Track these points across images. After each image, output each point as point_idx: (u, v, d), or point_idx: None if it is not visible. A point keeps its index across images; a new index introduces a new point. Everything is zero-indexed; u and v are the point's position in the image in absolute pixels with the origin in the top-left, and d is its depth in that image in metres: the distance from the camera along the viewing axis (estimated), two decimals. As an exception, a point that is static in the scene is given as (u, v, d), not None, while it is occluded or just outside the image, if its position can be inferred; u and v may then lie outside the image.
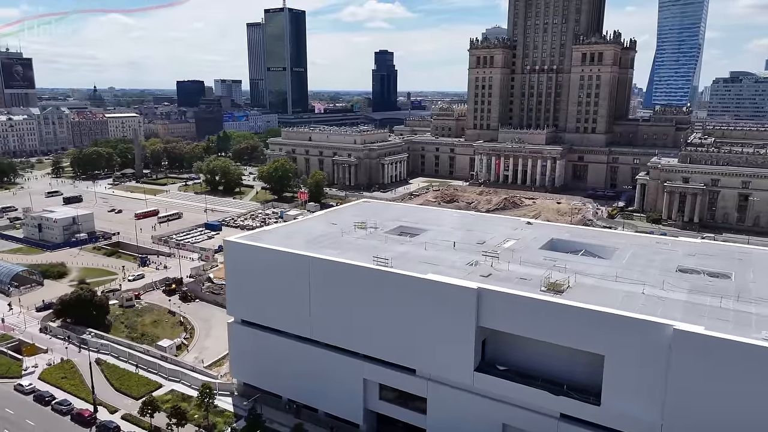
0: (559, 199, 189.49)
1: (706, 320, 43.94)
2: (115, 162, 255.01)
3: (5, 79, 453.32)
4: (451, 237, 67.85)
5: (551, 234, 70.47)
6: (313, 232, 69.32)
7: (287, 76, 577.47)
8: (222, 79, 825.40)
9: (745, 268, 57.09)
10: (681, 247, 64.98)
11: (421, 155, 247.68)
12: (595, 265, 58.20)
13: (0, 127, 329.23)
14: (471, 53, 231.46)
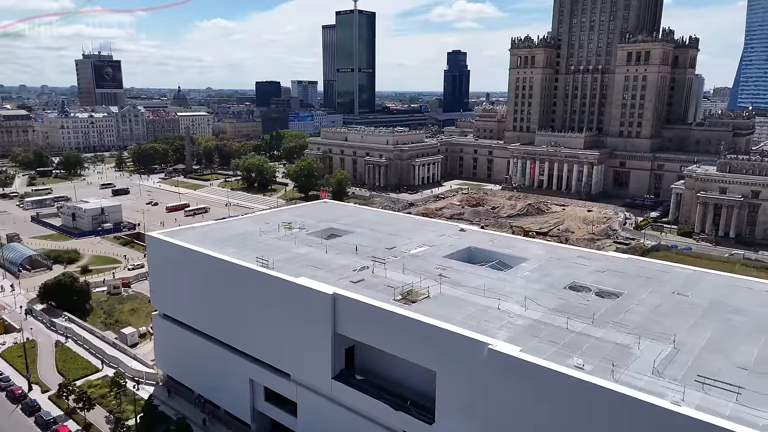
0: (591, 207, 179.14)
1: (536, 341, 40.27)
2: (170, 158, 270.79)
3: (96, 79, 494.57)
4: (368, 240, 66.51)
5: (474, 242, 67.07)
6: (234, 231, 70.44)
7: (355, 77, 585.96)
8: (299, 80, 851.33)
9: (647, 288, 51.61)
10: (598, 263, 59.69)
11: (459, 157, 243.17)
12: (484, 276, 54.83)
13: (82, 123, 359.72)
14: (512, 53, 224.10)
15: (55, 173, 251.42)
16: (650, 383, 34.83)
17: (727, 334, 42.42)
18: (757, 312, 46.75)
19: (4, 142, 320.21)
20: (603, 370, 36.18)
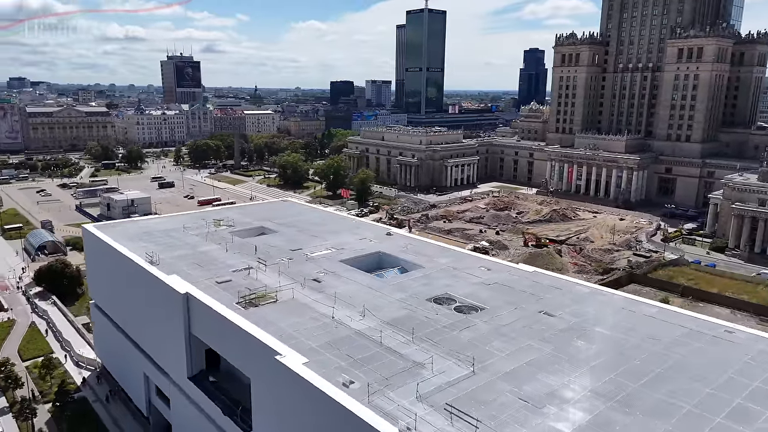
0: (625, 215, 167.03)
1: (335, 353, 37.88)
2: (222, 154, 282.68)
3: (177, 79, 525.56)
4: (284, 241, 65.83)
5: (387, 248, 64.31)
6: (165, 226, 72.10)
7: (423, 77, 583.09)
8: (373, 80, 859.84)
9: (519, 305, 47.18)
10: (495, 274, 55.26)
11: (500, 159, 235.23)
12: (358, 282, 52.37)
13: (155, 120, 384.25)
14: (556, 50, 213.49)
15: (118, 166, 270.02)
16: (401, 408, 31.69)
17: (551, 360, 37.80)
18: (613, 338, 41.43)
19: (86, 136, 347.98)
20: (371, 389, 33.37)
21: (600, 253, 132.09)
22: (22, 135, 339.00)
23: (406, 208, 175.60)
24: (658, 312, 47.26)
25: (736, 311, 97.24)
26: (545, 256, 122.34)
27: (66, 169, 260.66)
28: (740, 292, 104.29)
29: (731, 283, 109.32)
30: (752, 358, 39.03)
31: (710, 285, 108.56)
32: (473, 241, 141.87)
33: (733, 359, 38.95)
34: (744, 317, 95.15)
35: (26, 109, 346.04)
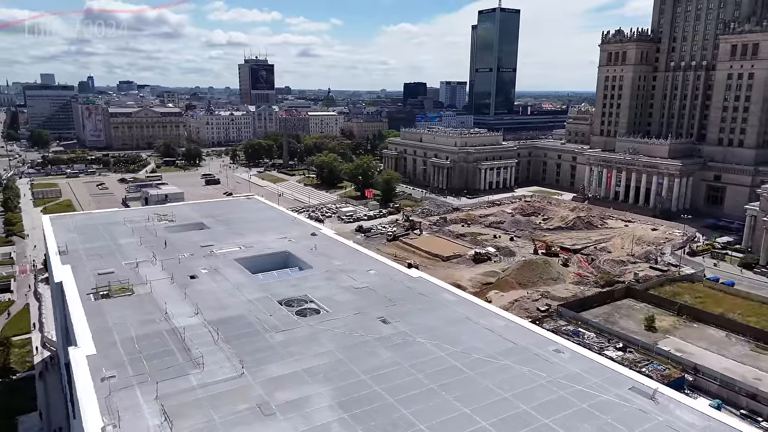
0: (659, 225, 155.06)
1: (132, 346, 38.61)
2: (274, 153, 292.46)
3: (252, 81, 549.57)
4: (205, 236, 67.59)
5: (297, 249, 64.04)
6: (107, 220, 76.17)
7: (493, 77, 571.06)
8: (447, 81, 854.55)
9: (369, 308, 45.63)
10: (372, 279, 53.54)
11: (542, 162, 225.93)
12: (230, 281, 52.71)
13: (224, 121, 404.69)
14: (602, 48, 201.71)
15: (178, 163, 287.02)
16: (133, 406, 31.83)
17: (323, 369, 36.18)
18: (417, 350, 39.00)
19: (160, 135, 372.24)
20: (124, 383, 33.78)
21: (611, 264, 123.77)
22: (105, 133, 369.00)
23: (426, 211, 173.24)
24: (504, 327, 43.79)
25: (732, 334, 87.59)
26: (540, 265, 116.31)
27: (132, 165, 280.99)
28: (749, 314, 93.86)
29: (742, 304, 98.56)
30: (551, 381, 35.33)
31: (718, 304, 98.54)
32: (481, 245, 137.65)
33: (528, 379, 35.48)
34: (738, 341, 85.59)
35: (108, 110, 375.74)
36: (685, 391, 71.25)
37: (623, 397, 33.61)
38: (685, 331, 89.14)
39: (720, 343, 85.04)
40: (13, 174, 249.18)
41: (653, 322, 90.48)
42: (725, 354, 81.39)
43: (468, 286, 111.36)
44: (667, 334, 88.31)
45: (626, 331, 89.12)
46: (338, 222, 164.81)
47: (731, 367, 77.60)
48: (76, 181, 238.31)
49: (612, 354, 79.08)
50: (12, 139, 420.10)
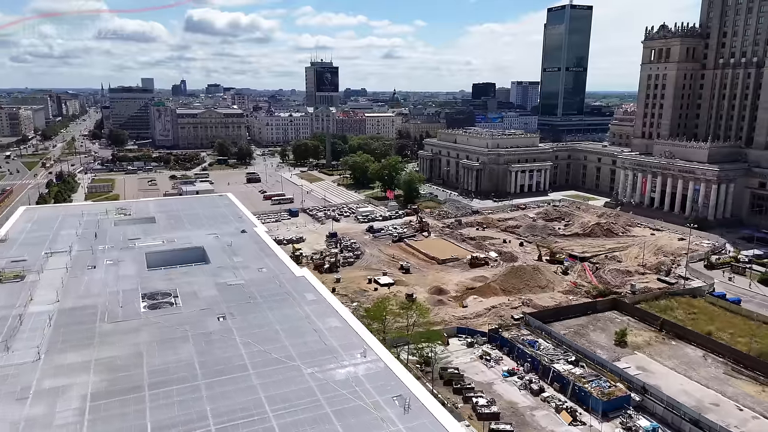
0: (687, 235, 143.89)
1: None
2: (320, 153, 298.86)
3: (318, 84, 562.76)
4: (141, 230, 70.93)
5: (213, 244, 65.68)
6: (69, 212, 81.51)
7: (561, 77, 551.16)
8: (518, 81, 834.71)
9: (219, 305, 46.48)
10: (255, 275, 54.10)
11: (582, 165, 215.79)
12: (112, 271, 55.30)
13: (283, 122, 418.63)
14: (644, 45, 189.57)
15: (230, 162, 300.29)
16: None
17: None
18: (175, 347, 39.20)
19: (223, 135, 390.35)
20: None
21: (614, 274, 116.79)
22: (173, 133, 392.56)
23: (443, 213, 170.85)
24: (333, 328, 42.77)
25: (711, 354, 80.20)
26: (529, 272, 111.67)
27: (188, 163, 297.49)
28: (742, 334, 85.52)
29: (740, 323, 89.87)
30: (322, 385, 34.33)
31: (710, 322, 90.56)
32: (484, 250, 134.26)
33: (302, 380, 34.72)
34: (715, 362, 78.29)
35: (176, 111, 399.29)
36: (627, 411, 66.62)
37: (378, 404, 32.34)
38: (659, 348, 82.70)
39: (693, 363, 78.21)
40: (80, 170, 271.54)
41: (624, 336, 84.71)
42: (692, 375, 74.81)
43: (452, 290, 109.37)
44: (637, 350, 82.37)
45: (593, 345, 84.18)
46: (353, 222, 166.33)
47: (692, 389, 71.35)
48: (133, 177, 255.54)
49: (561, 367, 75.04)
50: (96, 137, 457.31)
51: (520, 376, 76.29)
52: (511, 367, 78.66)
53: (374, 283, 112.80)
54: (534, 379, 74.93)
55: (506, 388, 73.96)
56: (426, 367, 78.34)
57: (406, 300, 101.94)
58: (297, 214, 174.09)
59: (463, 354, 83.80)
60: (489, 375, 77.45)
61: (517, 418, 67.03)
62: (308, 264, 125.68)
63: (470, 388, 72.64)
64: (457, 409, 68.42)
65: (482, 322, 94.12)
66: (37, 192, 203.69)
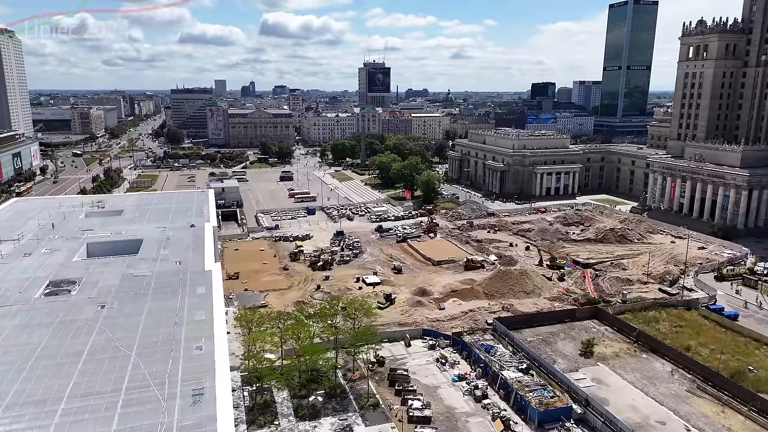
0: (708, 244, 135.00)
1: None
2: (357, 153, 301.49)
3: (369, 84, 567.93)
4: (97, 223, 74.70)
5: (157, 237, 68.22)
6: (53, 203, 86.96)
7: (622, 76, 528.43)
8: (581, 81, 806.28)
9: (109, 295, 48.61)
10: (166, 267, 55.89)
11: (616, 168, 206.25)
12: (31, 258, 58.72)
13: (329, 122, 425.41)
14: (682, 42, 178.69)
15: (270, 161, 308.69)
16: None
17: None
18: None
19: (271, 134, 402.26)
20: None
21: (613, 282, 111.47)
22: (225, 132, 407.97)
23: (456, 214, 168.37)
24: (192, 321, 43.66)
25: (679, 370, 75.08)
26: (515, 276, 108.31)
27: (231, 161, 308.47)
28: (726, 351, 79.35)
29: (727, 339, 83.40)
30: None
31: (695, 336, 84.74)
32: (485, 253, 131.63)
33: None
34: (682, 378, 73.28)
35: (228, 111, 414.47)
36: (565, 424, 63.77)
37: (174, 395, 32.92)
38: (625, 361, 78.28)
39: (656, 378, 73.55)
40: (131, 166, 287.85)
41: (591, 346, 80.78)
42: (650, 390, 70.40)
43: (436, 292, 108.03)
44: (602, 361, 78.37)
45: (556, 354, 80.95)
46: (366, 221, 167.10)
47: (642, 405, 67.29)
48: (175, 173, 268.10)
49: (509, 374, 72.68)
50: (158, 136, 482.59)
51: (469, 381, 74.48)
52: (464, 372, 76.92)
53: (361, 282, 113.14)
54: (482, 385, 72.95)
55: (451, 392, 72.44)
56: (379, 368, 78.16)
57: (383, 300, 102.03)
58: (314, 212, 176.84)
59: (422, 356, 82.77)
60: (439, 378, 76.10)
61: (450, 424, 65.64)
62: (304, 261, 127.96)
63: (412, 390, 71.69)
64: (392, 410, 67.82)
65: (454, 325, 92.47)
66: (82, 186, 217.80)
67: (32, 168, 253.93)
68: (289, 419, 65.32)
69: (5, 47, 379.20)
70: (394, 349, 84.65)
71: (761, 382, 70.60)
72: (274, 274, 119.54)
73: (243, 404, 67.79)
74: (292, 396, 69.80)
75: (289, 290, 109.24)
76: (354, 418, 65.51)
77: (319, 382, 72.46)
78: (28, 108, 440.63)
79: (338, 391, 71.12)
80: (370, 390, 71.26)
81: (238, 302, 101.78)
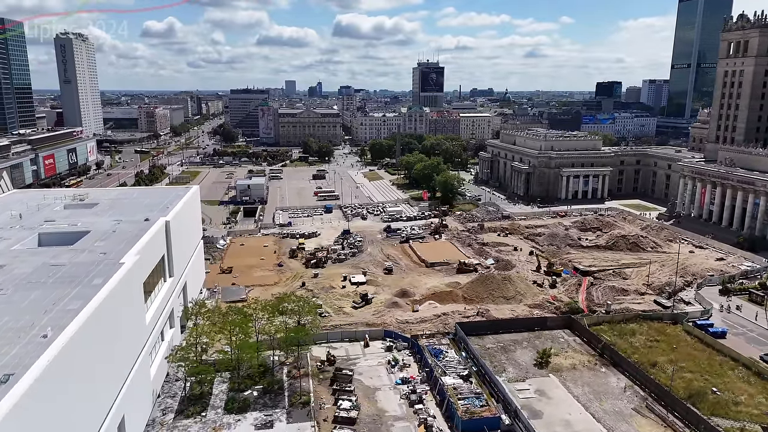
0: (728, 255, 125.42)
1: None
2: (394, 152, 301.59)
3: (422, 84, 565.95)
4: (63, 216, 79.22)
5: (104, 229, 71.55)
6: (39, 195, 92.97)
7: (691, 74, 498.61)
8: (651, 79, 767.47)
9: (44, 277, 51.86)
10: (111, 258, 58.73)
11: (652, 173, 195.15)
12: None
13: (376, 121, 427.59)
14: (722, 37, 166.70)
15: (310, 159, 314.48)
16: None
17: None
18: None
19: (319, 133, 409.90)
20: None
21: (606, 291, 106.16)
22: (275, 131, 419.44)
23: (469, 216, 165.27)
24: (72, 310, 45.67)
25: (636, 386, 70.57)
26: (497, 281, 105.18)
27: (275, 159, 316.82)
28: (695, 370, 73.88)
29: (702, 358, 77.37)
30: None
31: (669, 352, 78.98)
32: (484, 256, 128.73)
33: None
34: (635, 395, 68.87)
35: (278, 111, 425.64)
36: None
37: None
38: (580, 374, 74.46)
39: (606, 393, 69.54)
40: (178, 162, 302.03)
41: (548, 357, 77.38)
42: (591, 406, 66.73)
43: (418, 294, 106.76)
44: (555, 372, 74.95)
45: (510, 362, 78.20)
46: (378, 220, 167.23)
47: (577, 420, 64.17)
48: (216, 170, 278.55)
49: (449, 380, 71.02)
50: (216, 134, 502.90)
51: (411, 385, 73.30)
52: (410, 376, 75.74)
53: (347, 281, 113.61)
54: (421, 389, 71.64)
55: (389, 395, 71.60)
56: (329, 366, 78.46)
57: (359, 299, 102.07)
58: (331, 211, 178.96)
59: (377, 357, 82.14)
60: (384, 381, 75.35)
61: (374, 426, 64.97)
62: (301, 258, 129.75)
63: (348, 390, 71.45)
64: (321, 410, 67.92)
65: (423, 328, 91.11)
66: (122, 181, 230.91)
67: (87, 163, 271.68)
68: (217, 411, 66.78)
69: (78, 50, 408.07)
70: (352, 349, 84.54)
71: (719, 405, 65.17)
72: (267, 270, 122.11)
73: (180, 394, 69.96)
74: (230, 389, 71.32)
75: (274, 286, 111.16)
76: (279, 415, 66.13)
77: (263, 377, 73.62)
78: (99, 108, 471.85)
79: (276, 387, 71.99)
80: (305, 388, 71.65)
81: (220, 296, 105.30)
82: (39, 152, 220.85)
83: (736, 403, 66.13)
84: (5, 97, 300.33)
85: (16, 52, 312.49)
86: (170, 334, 74.96)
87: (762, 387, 69.01)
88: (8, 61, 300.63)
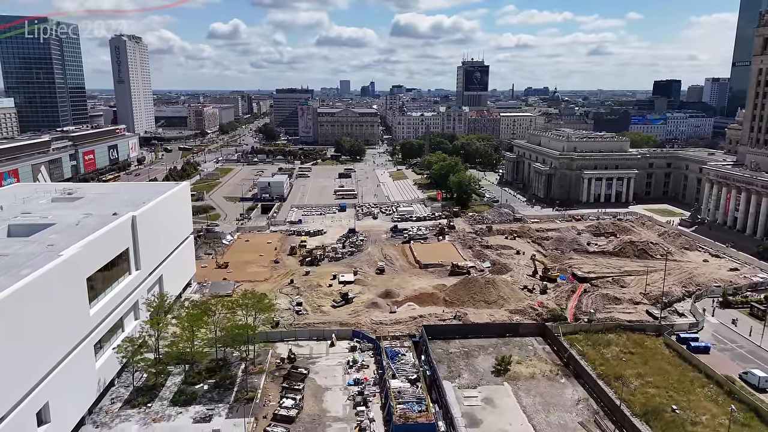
0: (742, 265, 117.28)
1: None
2: (423, 151, 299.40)
3: (466, 83, 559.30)
4: (45, 209, 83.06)
5: (70, 222, 74.39)
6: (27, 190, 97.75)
7: (753, 71, 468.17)
8: (714, 78, 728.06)
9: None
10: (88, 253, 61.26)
11: (683, 176, 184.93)
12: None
13: (414, 121, 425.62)
14: (757, 32, 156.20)
15: (342, 158, 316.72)
16: None
17: None
18: None
19: (356, 132, 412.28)
20: None
21: (596, 299, 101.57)
22: (314, 130, 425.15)
23: (479, 218, 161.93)
24: None
25: (590, 399, 67.38)
26: (480, 285, 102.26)
27: (308, 158, 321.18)
28: (666, 386, 69.53)
29: (674, 374, 72.71)
30: None
31: (640, 365, 74.90)
32: (482, 259, 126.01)
33: None
34: (587, 408, 65.65)
35: (317, 110, 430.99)
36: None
37: None
38: (536, 384, 71.60)
39: (556, 405, 66.62)
40: (214, 159, 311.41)
41: (507, 364, 74.96)
42: (536, 418, 64.17)
43: (402, 295, 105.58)
44: (510, 381, 72.49)
45: (468, 368, 76.28)
46: (388, 220, 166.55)
47: (514, 431, 61.47)
48: (247, 167, 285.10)
49: (396, 383, 69.94)
50: (259, 132, 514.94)
51: (361, 386, 72.65)
52: (364, 378, 75.08)
53: (336, 280, 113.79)
54: (369, 391, 70.93)
55: (337, 396, 71.23)
56: (288, 364, 78.87)
57: (339, 299, 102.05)
58: (345, 209, 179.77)
59: (339, 357, 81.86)
60: (337, 381, 75.00)
61: (311, 426, 64.81)
62: (299, 256, 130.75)
63: (296, 389, 71.53)
64: (265, 406, 68.37)
65: (395, 330, 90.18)
66: (153, 177, 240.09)
67: (128, 159, 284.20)
68: (163, 403, 68.35)
69: (132, 52, 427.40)
70: (317, 348, 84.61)
71: (674, 425, 61.07)
72: (262, 266, 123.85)
73: (133, 384, 72.03)
74: (182, 382, 72.84)
75: (264, 282, 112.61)
76: (220, 409, 66.96)
77: (218, 372, 74.85)
78: (151, 106, 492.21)
79: (228, 382, 72.97)
80: (255, 384, 72.27)
81: (209, 290, 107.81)
82: (79, 148, 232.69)
83: (694, 423, 61.80)
84: (59, 96, 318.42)
85: (71, 52, 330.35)
86: (132, 326, 77.17)
87: (728, 407, 64.06)
88: (63, 61, 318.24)
